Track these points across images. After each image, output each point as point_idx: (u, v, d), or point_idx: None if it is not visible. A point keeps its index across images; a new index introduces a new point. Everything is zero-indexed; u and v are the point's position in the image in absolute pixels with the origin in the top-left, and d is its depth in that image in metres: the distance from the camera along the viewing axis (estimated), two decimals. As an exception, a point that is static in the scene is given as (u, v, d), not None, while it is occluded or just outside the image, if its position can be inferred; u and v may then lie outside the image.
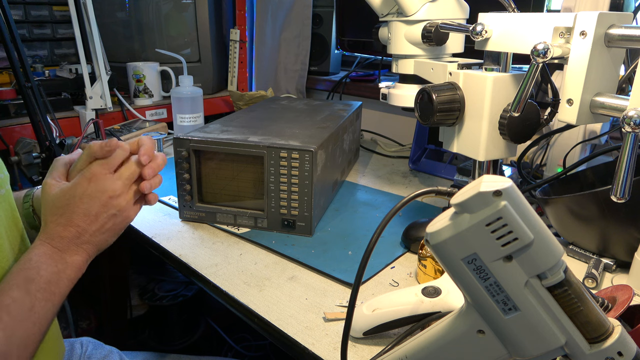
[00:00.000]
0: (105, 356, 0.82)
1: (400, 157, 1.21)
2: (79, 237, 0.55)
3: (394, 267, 0.69)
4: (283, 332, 0.56)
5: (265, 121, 0.90)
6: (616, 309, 0.39)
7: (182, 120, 1.24)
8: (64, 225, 0.54)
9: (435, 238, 0.31)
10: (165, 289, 1.46)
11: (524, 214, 0.29)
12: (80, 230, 0.55)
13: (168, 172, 1.05)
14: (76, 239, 0.55)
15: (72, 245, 0.54)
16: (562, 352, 0.32)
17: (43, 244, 0.53)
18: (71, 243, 0.54)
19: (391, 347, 0.52)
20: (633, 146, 0.44)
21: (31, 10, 1.38)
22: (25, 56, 0.98)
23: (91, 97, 1.20)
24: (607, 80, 0.51)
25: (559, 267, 0.30)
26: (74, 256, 0.54)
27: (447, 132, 0.68)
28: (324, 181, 0.81)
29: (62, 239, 0.54)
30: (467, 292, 0.33)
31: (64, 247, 0.54)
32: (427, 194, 0.38)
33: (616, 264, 0.66)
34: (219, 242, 0.76)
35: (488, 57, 0.63)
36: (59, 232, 0.54)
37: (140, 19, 1.39)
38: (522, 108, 0.55)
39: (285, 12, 1.44)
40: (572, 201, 0.65)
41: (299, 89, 1.50)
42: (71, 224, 0.54)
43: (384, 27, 0.79)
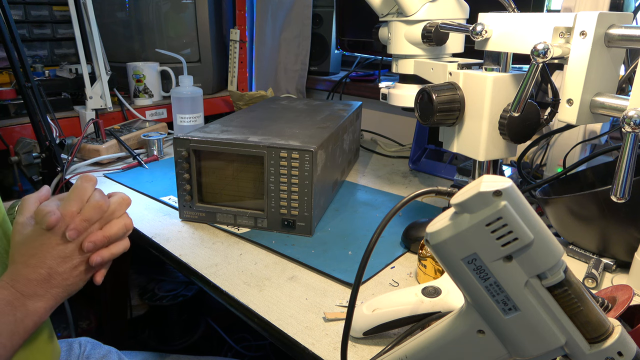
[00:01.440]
0: (103, 356, 0.82)
1: (400, 157, 1.21)
2: (49, 280, 0.51)
3: (394, 267, 0.69)
4: (283, 332, 0.56)
5: (265, 121, 0.90)
6: (616, 309, 0.39)
7: (182, 120, 1.24)
8: (33, 266, 0.50)
9: (435, 238, 0.31)
10: (165, 289, 1.46)
11: (524, 214, 0.29)
12: (52, 272, 0.51)
13: (168, 172, 1.05)
14: (45, 282, 0.51)
15: (39, 289, 0.50)
16: (562, 352, 0.32)
17: (5, 287, 0.49)
18: (38, 287, 0.50)
19: (391, 347, 0.52)
20: (633, 146, 0.44)
21: (31, 10, 1.38)
22: (25, 56, 0.98)
23: (91, 97, 1.20)
24: (607, 80, 0.51)
25: (559, 267, 0.30)
26: (37, 302, 0.50)
27: (447, 132, 0.68)
28: (324, 181, 0.81)
29: (28, 281, 0.50)
30: (467, 292, 0.33)
31: (28, 292, 0.50)
32: (427, 194, 0.38)
33: (616, 264, 0.66)
34: (219, 242, 0.76)
35: (488, 57, 0.63)
36: (26, 274, 0.50)
37: (140, 19, 1.39)
38: (522, 108, 0.55)
39: (285, 12, 1.44)
40: (572, 201, 0.65)
41: (299, 89, 1.50)
42: (42, 265, 0.51)
43: (384, 27, 0.79)
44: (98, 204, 0.54)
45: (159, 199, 0.91)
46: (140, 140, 1.18)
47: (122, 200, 0.57)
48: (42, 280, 0.51)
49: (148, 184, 0.98)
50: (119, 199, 0.57)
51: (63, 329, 1.41)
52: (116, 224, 0.56)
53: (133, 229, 0.79)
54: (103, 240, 0.54)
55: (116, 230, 0.56)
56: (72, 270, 0.53)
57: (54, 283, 0.51)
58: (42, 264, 0.51)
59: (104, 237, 0.54)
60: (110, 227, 0.55)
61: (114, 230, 0.55)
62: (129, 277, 1.42)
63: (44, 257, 0.51)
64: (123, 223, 0.57)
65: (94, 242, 0.53)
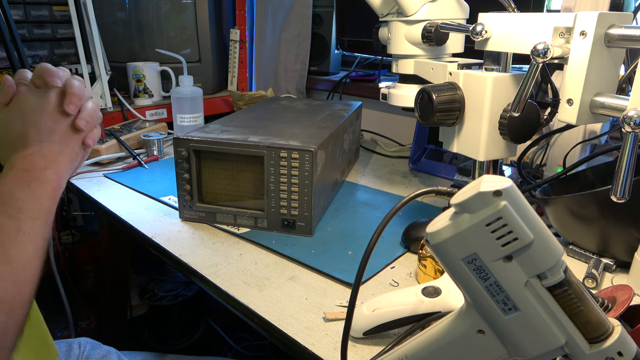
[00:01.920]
0: (103, 356, 0.82)
1: (400, 157, 1.21)
2: (40, 150, 0.52)
3: (394, 267, 0.69)
4: (283, 332, 0.56)
5: (265, 121, 0.90)
6: (616, 309, 0.39)
7: (182, 120, 1.24)
8: (21, 146, 0.52)
9: (435, 238, 0.31)
10: (165, 289, 1.46)
11: (524, 214, 0.29)
12: (39, 143, 0.52)
13: (168, 172, 1.05)
14: (38, 153, 0.52)
15: (37, 160, 0.52)
16: (562, 352, 0.32)
17: (7, 172, 0.51)
18: (35, 159, 0.52)
19: (391, 347, 0.52)
20: (633, 146, 0.44)
21: (31, 10, 1.38)
22: (25, 56, 0.98)
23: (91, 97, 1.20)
24: (607, 80, 0.51)
25: (559, 267, 0.30)
26: (44, 171, 0.52)
27: (447, 132, 0.68)
28: (324, 181, 0.81)
29: (24, 158, 0.51)
30: (467, 292, 0.33)
31: (29, 166, 0.51)
32: (427, 194, 0.38)
33: (616, 264, 0.66)
34: (219, 242, 0.76)
35: (488, 57, 0.63)
36: (19, 155, 0.52)
37: (140, 19, 1.39)
38: (522, 108, 0.55)
39: (285, 12, 1.44)
40: (572, 201, 0.65)
41: (299, 89, 1.51)
42: (27, 141, 0.52)
43: (384, 27, 0.79)
44: None
45: (159, 199, 0.91)
46: (140, 140, 1.18)
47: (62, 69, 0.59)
48: (34, 153, 0.52)
49: (148, 184, 0.98)
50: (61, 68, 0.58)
51: (63, 329, 1.41)
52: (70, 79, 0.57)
53: (133, 229, 0.80)
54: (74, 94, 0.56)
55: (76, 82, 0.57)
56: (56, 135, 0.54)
57: (46, 151, 0.53)
58: (26, 140, 0.52)
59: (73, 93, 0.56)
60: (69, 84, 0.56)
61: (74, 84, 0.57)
62: (129, 277, 1.42)
63: (24, 133, 0.52)
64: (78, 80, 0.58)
65: (71, 102, 0.55)
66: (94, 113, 0.58)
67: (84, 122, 0.56)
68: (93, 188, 0.96)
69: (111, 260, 1.25)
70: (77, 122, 0.55)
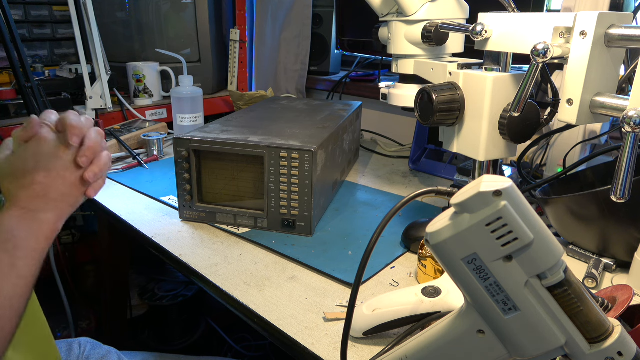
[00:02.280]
0: (103, 356, 0.82)
1: (400, 157, 1.21)
2: (46, 194, 0.53)
3: (394, 267, 0.69)
4: (283, 332, 0.56)
5: (265, 121, 0.90)
6: (616, 309, 0.39)
7: (182, 120, 1.24)
8: (27, 185, 0.53)
9: (435, 238, 0.31)
10: (165, 289, 1.46)
11: (524, 214, 0.29)
12: (45, 187, 0.53)
13: (168, 172, 1.05)
14: (43, 196, 0.53)
15: (40, 203, 0.53)
16: (562, 352, 0.32)
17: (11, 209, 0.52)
18: (39, 201, 0.53)
19: (391, 347, 0.52)
20: (633, 146, 0.44)
21: (31, 10, 1.38)
22: (25, 56, 0.98)
23: (91, 97, 1.20)
24: (607, 80, 0.51)
25: (559, 267, 0.30)
26: (46, 214, 0.53)
27: (447, 132, 0.68)
28: (324, 181, 0.81)
29: (29, 199, 0.53)
30: (467, 292, 0.33)
31: (33, 207, 0.53)
32: (427, 194, 0.38)
33: (616, 264, 0.66)
34: (219, 242, 0.76)
35: (488, 57, 0.63)
36: (23, 194, 0.53)
37: (140, 19, 1.39)
38: (522, 108, 0.55)
39: (285, 12, 1.44)
40: (572, 201, 0.65)
41: (299, 89, 1.50)
42: (34, 182, 0.53)
43: (384, 27, 0.79)
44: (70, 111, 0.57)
45: (159, 199, 0.91)
46: (140, 140, 1.18)
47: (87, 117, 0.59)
48: (39, 196, 0.53)
49: (148, 184, 0.98)
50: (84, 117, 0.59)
51: (63, 329, 1.41)
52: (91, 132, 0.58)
53: (133, 229, 0.80)
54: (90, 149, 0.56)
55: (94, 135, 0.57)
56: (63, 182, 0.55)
57: (51, 197, 0.54)
58: (34, 181, 0.53)
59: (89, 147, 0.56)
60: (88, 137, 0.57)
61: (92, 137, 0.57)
62: (129, 277, 1.42)
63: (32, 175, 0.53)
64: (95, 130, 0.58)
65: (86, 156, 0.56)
66: (104, 166, 0.58)
67: (92, 174, 0.57)
68: (93, 188, 0.95)
69: (111, 260, 1.25)
70: (85, 174, 0.56)
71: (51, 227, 0.54)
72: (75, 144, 0.55)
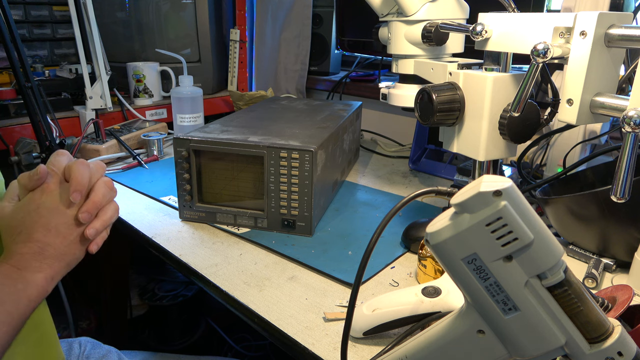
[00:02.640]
0: (103, 356, 0.82)
1: (400, 157, 1.21)
2: (41, 252, 0.51)
3: (394, 267, 0.69)
4: (283, 332, 0.56)
5: (265, 121, 0.90)
6: (616, 309, 0.39)
7: (182, 120, 1.24)
8: (23, 242, 0.50)
9: (435, 238, 0.31)
10: (165, 289, 1.46)
11: (524, 214, 0.29)
12: (41, 244, 0.51)
13: (168, 172, 1.05)
14: (38, 254, 0.50)
15: (33, 261, 0.50)
16: (562, 352, 0.32)
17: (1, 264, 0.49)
18: (32, 259, 0.50)
19: (391, 347, 0.52)
20: (633, 146, 0.44)
21: (31, 10, 1.38)
22: (25, 56, 0.98)
23: (91, 97, 1.20)
24: (607, 80, 0.51)
25: (559, 267, 0.30)
26: (35, 274, 0.50)
27: (447, 132, 0.68)
28: (324, 181, 0.81)
29: (21, 255, 0.50)
30: (467, 292, 0.33)
31: (24, 265, 0.50)
32: (427, 194, 0.38)
33: (616, 264, 0.66)
34: (219, 242, 0.76)
35: (488, 57, 0.63)
36: (18, 250, 0.50)
37: (140, 19, 1.39)
38: (522, 108, 0.55)
39: (285, 12, 1.44)
40: (572, 201, 0.65)
41: (299, 89, 1.50)
42: (31, 240, 0.50)
43: (384, 27, 0.79)
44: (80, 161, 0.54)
45: (159, 199, 0.91)
46: (140, 140, 1.18)
47: (98, 164, 0.57)
48: (34, 254, 0.50)
49: (148, 184, 0.98)
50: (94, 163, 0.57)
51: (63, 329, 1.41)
52: (99, 185, 0.55)
53: (133, 229, 0.80)
54: (94, 205, 0.54)
55: (102, 191, 0.55)
56: (63, 240, 0.52)
57: (47, 254, 0.51)
58: (30, 238, 0.50)
59: (93, 203, 0.54)
60: (95, 191, 0.55)
61: (100, 192, 0.54)
62: (129, 277, 1.42)
63: (30, 231, 0.51)
64: (104, 182, 0.56)
65: (88, 211, 0.53)
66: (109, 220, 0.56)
67: (94, 231, 0.54)
68: (93, 188, 0.95)
69: (111, 260, 1.25)
70: (86, 231, 0.53)
71: (38, 290, 0.50)
72: (76, 200, 0.52)
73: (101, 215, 0.55)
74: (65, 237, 0.52)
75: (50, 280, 0.51)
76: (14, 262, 0.50)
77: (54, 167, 0.54)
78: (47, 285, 0.51)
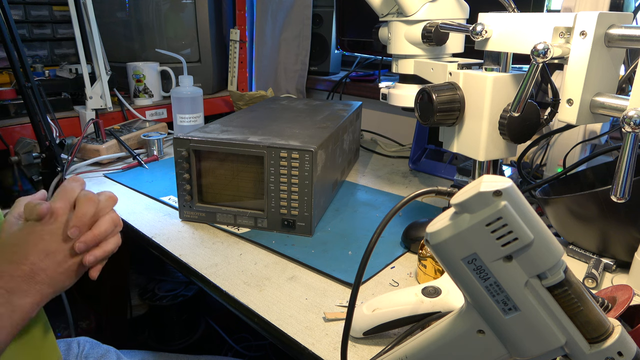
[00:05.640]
0: (102, 355, 0.82)
1: (400, 157, 1.21)
2: (33, 276, 0.50)
3: (394, 267, 0.69)
4: (283, 332, 0.56)
5: (265, 121, 0.90)
6: (616, 309, 0.39)
7: (182, 120, 1.24)
8: (17, 263, 0.50)
9: (435, 238, 0.31)
10: (165, 289, 1.46)
11: (524, 214, 0.29)
12: (35, 268, 0.50)
13: (168, 172, 1.05)
14: (29, 278, 0.50)
15: (22, 285, 0.49)
16: (562, 352, 0.32)
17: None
18: (22, 282, 0.49)
19: (391, 347, 0.52)
20: (633, 146, 0.44)
21: (31, 10, 1.38)
22: (25, 56, 0.98)
23: (91, 97, 1.20)
24: (607, 80, 0.51)
25: (559, 267, 0.30)
26: (23, 299, 0.49)
27: (447, 132, 0.68)
28: (324, 181, 0.81)
29: (12, 277, 0.49)
30: (467, 292, 0.33)
31: (12, 288, 0.49)
32: (427, 194, 0.38)
33: (616, 264, 0.66)
34: (219, 242, 0.76)
35: (488, 57, 0.63)
36: (10, 271, 0.49)
37: (140, 19, 1.39)
38: (522, 108, 0.55)
39: (285, 12, 1.44)
40: (572, 201, 0.65)
41: (299, 89, 1.50)
42: (25, 262, 0.50)
43: (384, 27, 0.79)
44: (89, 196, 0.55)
45: (159, 199, 0.91)
46: (140, 140, 1.18)
47: (109, 198, 0.57)
48: (25, 277, 0.50)
49: (148, 184, 0.98)
50: (106, 196, 0.57)
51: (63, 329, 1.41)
52: (104, 220, 0.55)
53: (133, 229, 0.80)
54: (93, 239, 0.54)
55: (105, 226, 0.55)
56: (57, 267, 0.52)
57: (38, 279, 0.50)
58: (25, 260, 0.50)
59: (94, 236, 0.54)
60: (98, 225, 0.55)
61: (103, 228, 0.55)
62: (129, 277, 1.42)
63: (27, 252, 0.50)
64: (110, 218, 0.56)
65: (85, 242, 0.53)
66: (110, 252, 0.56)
67: (93, 258, 0.54)
68: (93, 188, 0.96)
69: (111, 260, 1.24)
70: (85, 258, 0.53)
71: (22, 315, 0.49)
72: (74, 235, 0.52)
73: (103, 245, 0.55)
74: (60, 265, 0.52)
75: (35, 306, 0.51)
76: (3, 283, 0.49)
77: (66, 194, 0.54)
78: (32, 311, 0.51)
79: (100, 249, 0.55)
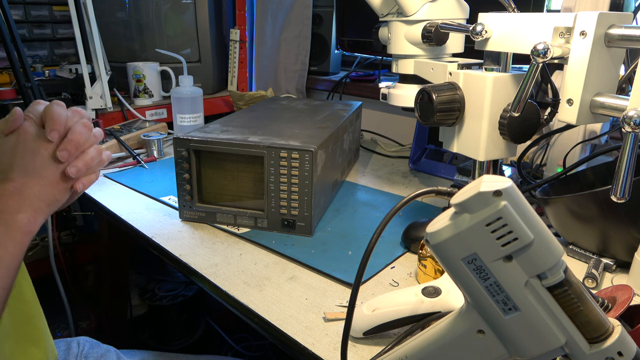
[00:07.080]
0: (102, 355, 0.82)
1: (400, 157, 1.21)
2: (20, 192, 0.50)
3: (394, 267, 0.69)
4: (283, 332, 0.56)
5: (265, 121, 0.90)
6: (616, 309, 0.39)
7: (182, 120, 1.24)
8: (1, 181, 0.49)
9: (435, 238, 0.31)
10: (165, 289, 1.46)
11: (524, 214, 0.29)
12: (19, 184, 0.50)
13: (168, 172, 1.05)
14: (16, 194, 0.49)
15: (12, 202, 0.49)
16: (562, 352, 0.32)
17: None
18: (11, 200, 0.49)
19: (391, 347, 0.52)
20: (633, 146, 0.44)
21: (31, 10, 1.38)
22: (25, 56, 0.98)
23: (91, 97, 1.20)
24: (607, 80, 0.51)
25: (559, 267, 0.30)
26: (17, 214, 0.49)
27: (447, 132, 0.68)
28: (324, 181, 0.81)
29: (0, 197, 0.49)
30: (467, 292, 0.33)
31: (3, 207, 0.49)
32: (427, 194, 0.38)
33: (616, 264, 0.66)
34: (219, 242, 0.76)
35: (488, 57, 0.63)
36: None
37: (140, 19, 1.39)
38: (522, 108, 0.55)
39: (285, 12, 1.44)
40: (572, 201, 0.65)
41: (299, 89, 1.51)
42: (7, 179, 0.50)
43: (384, 27, 0.79)
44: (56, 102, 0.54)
45: (159, 199, 0.91)
46: (140, 140, 1.18)
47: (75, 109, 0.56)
48: (11, 194, 0.49)
49: (148, 184, 0.98)
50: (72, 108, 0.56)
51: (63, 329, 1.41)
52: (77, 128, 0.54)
53: (133, 229, 0.80)
54: (70, 143, 0.53)
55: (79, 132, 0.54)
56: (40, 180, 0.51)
57: (26, 194, 0.50)
58: (7, 178, 0.50)
59: (69, 141, 0.53)
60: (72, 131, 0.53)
61: (77, 134, 0.54)
62: (129, 277, 1.42)
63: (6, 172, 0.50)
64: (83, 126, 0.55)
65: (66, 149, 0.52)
66: (91, 161, 0.55)
67: (75, 170, 0.53)
68: (93, 188, 0.95)
69: (111, 260, 1.25)
70: (67, 170, 0.53)
71: (23, 230, 0.49)
72: (54, 138, 0.52)
73: (82, 155, 0.54)
74: (43, 177, 0.52)
75: (32, 221, 0.50)
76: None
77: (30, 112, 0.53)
78: (31, 226, 0.50)
79: (81, 160, 0.54)
